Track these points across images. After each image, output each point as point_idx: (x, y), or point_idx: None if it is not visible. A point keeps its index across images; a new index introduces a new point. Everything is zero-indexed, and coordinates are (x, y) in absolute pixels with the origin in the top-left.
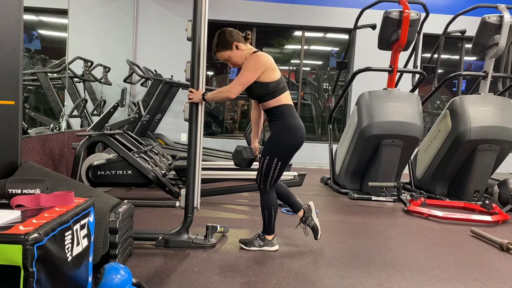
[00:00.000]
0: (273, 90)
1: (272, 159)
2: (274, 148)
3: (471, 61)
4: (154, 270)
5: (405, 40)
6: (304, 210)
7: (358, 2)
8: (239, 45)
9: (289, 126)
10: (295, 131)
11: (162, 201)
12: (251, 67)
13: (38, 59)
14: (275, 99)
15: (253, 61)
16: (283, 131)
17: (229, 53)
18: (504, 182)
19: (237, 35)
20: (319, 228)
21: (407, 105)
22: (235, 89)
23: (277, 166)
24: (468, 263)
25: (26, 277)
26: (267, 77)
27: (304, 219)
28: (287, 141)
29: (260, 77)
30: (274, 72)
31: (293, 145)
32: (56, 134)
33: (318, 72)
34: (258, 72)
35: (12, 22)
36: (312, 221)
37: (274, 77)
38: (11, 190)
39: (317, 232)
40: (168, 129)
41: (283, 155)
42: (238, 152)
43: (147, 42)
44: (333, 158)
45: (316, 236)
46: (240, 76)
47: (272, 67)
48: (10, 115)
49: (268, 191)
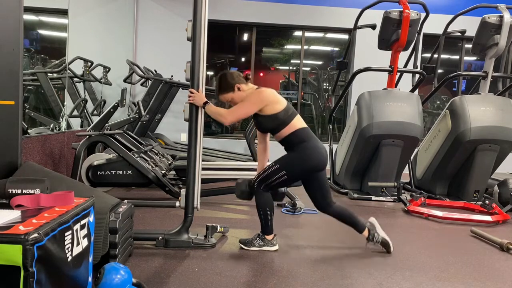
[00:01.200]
0: (284, 118)
1: (280, 170)
2: (287, 162)
3: (471, 61)
4: (154, 270)
5: (405, 40)
6: (369, 228)
7: (358, 2)
8: (240, 87)
9: (307, 147)
10: (312, 153)
11: (162, 201)
12: (252, 100)
13: (38, 59)
14: (288, 126)
15: (255, 95)
16: (301, 152)
17: (231, 95)
18: (504, 182)
19: (238, 76)
20: (389, 240)
21: (407, 105)
22: (230, 118)
23: (280, 178)
24: (468, 263)
25: (26, 277)
26: (273, 109)
27: (371, 237)
28: (302, 162)
29: (265, 111)
30: (278, 104)
31: (307, 167)
32: (56, 134)
33: (318, 72)
34: (258, 106)
35: (12, 22)
36: (379, 236)
37: (279, 107)
38: (11, 190)
39: (388, 245)
40: (168, 129)
41: (291, 172)
42: (238, 184)
43: (147, 42)
44: (333, 158)
45: (388, 250)
46: (239, 107)
47: (275, 100)
48: (10, 115)
49: (261, 191)
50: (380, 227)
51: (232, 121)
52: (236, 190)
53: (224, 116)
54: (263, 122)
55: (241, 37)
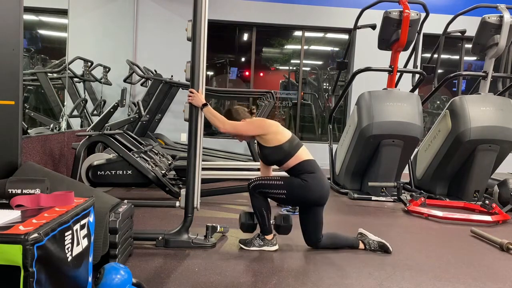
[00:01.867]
0: (289, 149)
1: (282, 188)
2: (291, 184)
3: (471, 61)
4: (154, 270)
5: (405, 40)
6: (361, 240)
7: (358, 2)
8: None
9: (313, 178)
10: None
11: (162, 201)
12: (254, 124)
13: (38, 59)
14: (294, 157)
15: (259, 121)
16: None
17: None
18: (504, 182)
19: (243, 112)
20: (385, 242)
21: (407, 105)
22: (227, 128)
23: (278, 195)
24: (468, 263)
25: (26, 277)
26: (276, 140)
27: (368, 247)
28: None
29: (268, 141)
30: (281, 135)
31: (308, 197)
32: (56, 134)
33: (318, 72)
34: (258, 131)
35: (12, 22)
36: (374, 242)
37: (284, 138)
38: (11, 190)
39: (387, 247)
40: (168, 129)
41: (291, 196)
42: (239, 216)
43: (147, 42)
44: (333, 158)
45: (388, 251)
46: (239, 124)
47: (277, 131)
48: (10, 115)
49: (255, 194)
50: (370, 233)
51: (228, 130)
52: (239, 222)
53: (222, 123)
54: (268, 154)
55: (241, 37)
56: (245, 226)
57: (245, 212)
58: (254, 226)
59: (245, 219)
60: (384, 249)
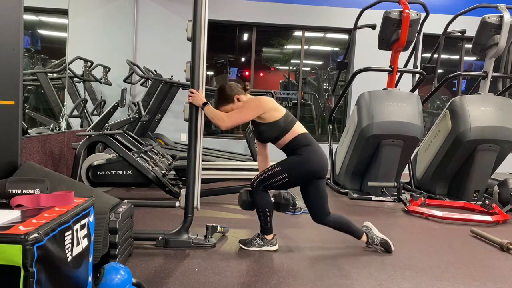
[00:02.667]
0: (284, 125)
1: (282, 172)
2: (289, 165)
3: (471, 61)
4: (154, 270)
5: (405, 40)
6: (366, 233)
7: (358, 2)
8: (240, 97)
9: (309, 150)
10: (313, 156)
11: (162, 201)
12: (250, 106)
13: (38, 59)
14: (289, 132)
15: (254, 103)
16: (303, 154)
17: (231, 106)
18: (504, 182)
19: (236, 88)
20: (388, 240)
21: (407, 105)
22: (228, 123)
23: (281, 181)
24: (468, 263)
25: (26, 277)
26: (272, 117)
27: (370, 241)
28: (303, 165)
29: (264, 118)
30: (277, 111)
31: (309, 170)
32: (56, 134)
33: (318, 72)
34: (256, 113)
35: (12, 22)
36: (378, 238)
37: (278, 115)
38: (11, 190)
39: (389, 245)
40: (168, 129)
41: (293, 176)
42: (240, 194)
43: (147, 42)
44: (333, 158)
45: (389, 250)
46: (237, 113)
47: (273, 108)
48: (10, 115)
49: (260, 191)
50: (376, 228)
51: (229, 126)
52: (239, 200)
53: (222, 120)
54: (264, 131)
55: (241, 37)
56: (245, 204)
57: (246, 190)
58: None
59: (246, 197)
60: (385, 247)
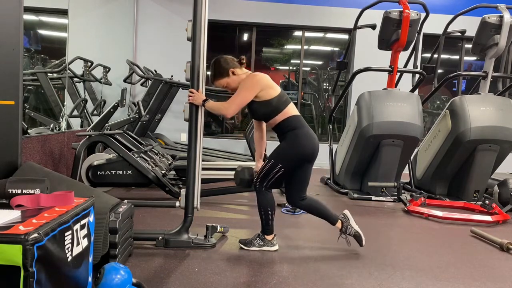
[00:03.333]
0: (277, 105)
1: (276, 164)
2: (280, 154)
3: (471, 61)
4: (154, 270)
5: (405, 40)
6: (342, 220)
7: (358, 2)
8: (235, 71)
9: (299, 134)
10: (304, 140)
11: (162, 201)
12: (247, 87)
13: (38, 59)
14: (281, 113)
15: (249, 81)
16: (293, 139)
17: (226, 80)
18: (504, 182)
19: (232, 61)
20: (361, 234)
21: (407, 105)
22: (231, 109)
23: (278, 172)
24: (468, 263)
25: (26, 277)
26: (267, 95)
27: (344, 229)
28: (296, 149)
29: (259, 96)
30: (273, 89)
31: (301, 154)
32: (56, 134)
33: (318, 72)
34: (254, 91)
35: (12, 22)
36: (353, 229)
37: (274, 93)
38: (11, 190)
39: (361, 239)
40: (168, 129)
41: (288, 163)
42: (237, 172)
43: (147, 42)
44: (333, 158)
45: (360, 243)
46: (236, 96)
47: (269, 85)
48: (10, 115)
49: (263, 191)
50: (353, 219)
51: (234, 111)
52: (235, 178)
53: (224, 108)
54: (256, 108)
55: (241, 37)
56: (245, 181)
57: (244, 167)
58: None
59: (244, 175)
60: (357, 240)
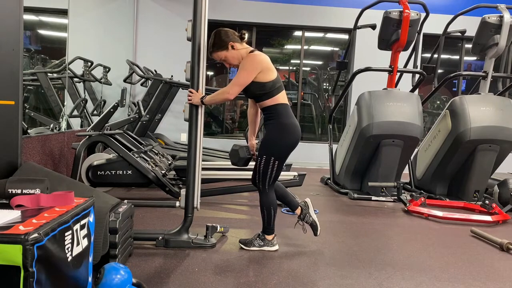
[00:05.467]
0: (270, 90)
1: (269, 158)
2: (269, 147)
3: (471, 61)
4: (154, 270)
5: (405, 40)
6: (302, 207)
7: (358, 2)
8: (235, 45)
9: (285, 124)
10: (290, 130)
11: (162, 201)
12: (247, 68)
13: (38, 59)
14: (271, 98)
15: (250, 61)
16: (278, 130)
17: (225, 53)
18: (504, 182)
19: (233, 35)
20: (318, 224)
21: (407, 105)
22: (233, 90)
23: (274, 166)
24: (468, 263)
25: (26, 277)
26: (264, 77)
27: (302, 216)
28: (282, 140)
29: (257, 77)
30: (271, 72)
31: (288, 144)
32: (56, 134)
33: (318, 72)
34: (255, 72)
35: (12, 22)
36: (311, 218)
37: (270, 77)
38: (11, 190)
39: (316, 229)
40: (168, 129)
41: (279, 154)
42: (234, 151)
43: (147, 42)
44: (333, 158)
45: (315, 233)
46: (237, 76)
47: (268, 67)
48: (10, 115)
49: (267, 191)
50: (312, 208)
51: (236, 92)
52: (231, 156)
53: (225, 91)
54: (250, 87)
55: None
56: (242, 160)
57: (241, 146)
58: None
59: (243, 154)
60: (313, 229)
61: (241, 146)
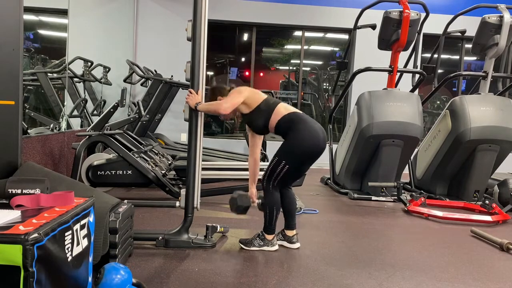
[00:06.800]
0: (267, 107)
1: (280, 161)
2: (284, 150)
3: (471, 61)
4: (154, 270)
5: (405, 40)
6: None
7: (358, 2)
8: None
9: (300, 129)
10: (305, 134)
11: (162, 201)
12: (235, 91)
13: (38, 59)
14: (274, 113)
15: (236, 90)
16: (294, 135)
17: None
18: (504, 182)
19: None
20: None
21: (407, 105)
22: (226, 106)
23: (283, 169)
24: (468, 263)
25: (26, 277)
26: (254, 101)
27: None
28: (296, 145)
29: (248, 104)
30: (258, 95)
31: (305, 150)
32: (56, 134)
33: (318, 72)
34: (242, 95)
35: (12, 22)
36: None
37: (260, 98)
38: (11, 190)
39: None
40: (168, 129)
41: (292, 160)
42: (233, 199)
43: (147, 42)
44: (333, 158)
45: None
46: (229, 97)
47: (253, 91)
48: (10, 115)
49: (270, 190)
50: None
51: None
52: (231, 204)
53: (220, 104)
54: (252, 118)
55: (241, 37)
56: (241, 208)
57: (240, 194)
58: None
59: (242, 202)
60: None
61: (240, 194)
